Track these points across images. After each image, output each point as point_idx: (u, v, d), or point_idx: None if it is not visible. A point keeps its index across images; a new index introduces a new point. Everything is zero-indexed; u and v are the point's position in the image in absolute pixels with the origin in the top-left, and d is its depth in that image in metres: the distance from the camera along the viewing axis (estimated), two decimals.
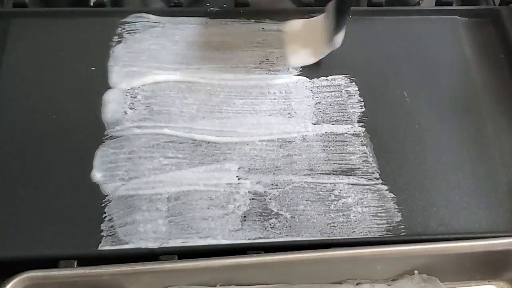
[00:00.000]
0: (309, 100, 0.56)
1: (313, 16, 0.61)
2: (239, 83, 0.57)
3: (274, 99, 0.56)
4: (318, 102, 0.56)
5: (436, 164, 0.53)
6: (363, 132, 0.54)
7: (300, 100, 0.56)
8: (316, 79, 0.57)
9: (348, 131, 0.54)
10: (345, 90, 0.57)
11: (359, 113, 0.55)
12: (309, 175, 0.51)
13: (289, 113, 0.55)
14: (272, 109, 0.55)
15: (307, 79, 0.57)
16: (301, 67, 0.58)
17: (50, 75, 0.56)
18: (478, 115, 0.56)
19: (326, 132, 0.54)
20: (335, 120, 0.55)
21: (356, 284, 0.47)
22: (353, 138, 0.54)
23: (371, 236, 0.48)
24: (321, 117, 0.55)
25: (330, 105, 0.56)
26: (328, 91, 0.57)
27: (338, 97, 0.56)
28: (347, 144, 0.53)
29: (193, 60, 0.58)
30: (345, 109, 0.56)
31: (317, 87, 0.57)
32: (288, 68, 0.58)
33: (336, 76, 0.58)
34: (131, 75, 0.56)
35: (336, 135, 0.54)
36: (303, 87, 0.57)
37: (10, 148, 0.51)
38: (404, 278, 0.47)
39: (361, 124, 0.55)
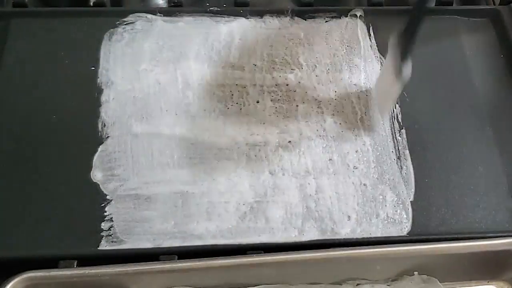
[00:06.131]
0: (311, 99, 0.56)
1: (313, 17, 0.61)
2: (239, 82, 0.57)
3: (277, 99, 0.56)
4: (320, 101, 0.56)
5: (436, 164, 0.53)
6: (365, 132, 0.54)
7: (301, 99, 0.56)
8: (317, 77, 0.57)
9: (350, 130, 0.54)
10: None
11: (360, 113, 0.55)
12: (310, 175, 0.51)
13: (290, 113, 0.55)
14: (273, 108, 0.55)
15: (308, 79, 0.57)
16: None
17: (49, 75, 0.56)
18: (478, 115, 0.56)
19: (326, 131, 0.54)
20: (336, 119, 0.55)
21: (356, 285, 0.47)
22: (354, 137, 0.54)
23: (371, 236, 0.48)
24: (322, 115, 0.55)
25: (330, 103, 0.56)
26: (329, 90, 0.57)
27: (339, 96, 0.56)
28: (348, 144, 0.53)
29: (193, 59, 0.58)
30: (346, 108, 0.56)
31: (318, 85, 0.57)
32: (291, 67, 0.58)
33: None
34: (131, 74, 0.56)
35: (336, 134, 0.54)
36: (305, 86, 0.57)
37: (10, 148, 0.51)
38: (404, 279, 0.47)
39: (362, 123, 0.55)
